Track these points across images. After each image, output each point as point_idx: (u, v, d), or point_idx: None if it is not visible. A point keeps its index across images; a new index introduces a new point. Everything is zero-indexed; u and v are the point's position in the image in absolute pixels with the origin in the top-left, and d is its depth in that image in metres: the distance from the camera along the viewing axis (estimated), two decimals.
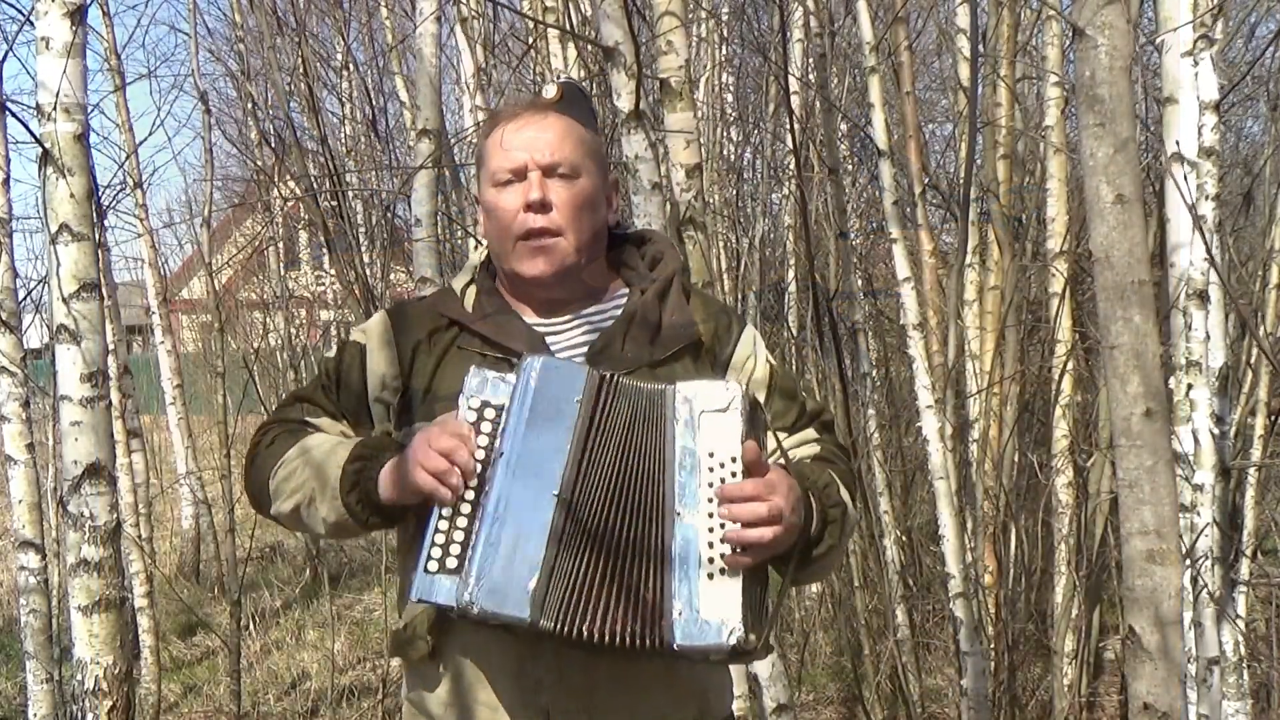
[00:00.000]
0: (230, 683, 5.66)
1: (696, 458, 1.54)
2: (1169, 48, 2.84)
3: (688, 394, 1.56)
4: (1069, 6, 2.80)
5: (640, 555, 1.52)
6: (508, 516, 1.51)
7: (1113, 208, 1.83)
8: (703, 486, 1.53)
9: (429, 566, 1.52)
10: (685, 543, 1.51)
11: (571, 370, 1.58)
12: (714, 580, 1.50)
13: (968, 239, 4.73)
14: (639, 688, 1.63)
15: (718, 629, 1.48)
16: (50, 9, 2.32)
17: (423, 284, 3.39)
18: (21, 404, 4.07)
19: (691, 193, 2.76)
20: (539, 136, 1.72)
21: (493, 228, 1.75)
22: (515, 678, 1.63)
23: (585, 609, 1.50)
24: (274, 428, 1.79)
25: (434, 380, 1.72)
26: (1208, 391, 3.00)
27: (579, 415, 1.54)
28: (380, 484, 1.61)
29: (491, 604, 1.48)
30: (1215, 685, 3.01)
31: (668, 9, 2.69)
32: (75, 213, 2.36)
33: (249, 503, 1.83)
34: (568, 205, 1.71)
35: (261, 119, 8.02)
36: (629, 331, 1.72)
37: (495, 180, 1.73)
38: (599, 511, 1.53)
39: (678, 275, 1.80)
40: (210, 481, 9.25)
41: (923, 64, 7.20)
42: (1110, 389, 1.89)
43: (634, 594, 1.51)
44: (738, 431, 1.54)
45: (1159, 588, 1.87)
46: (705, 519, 1.51)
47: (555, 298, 1.76)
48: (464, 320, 1.75)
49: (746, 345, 1.79)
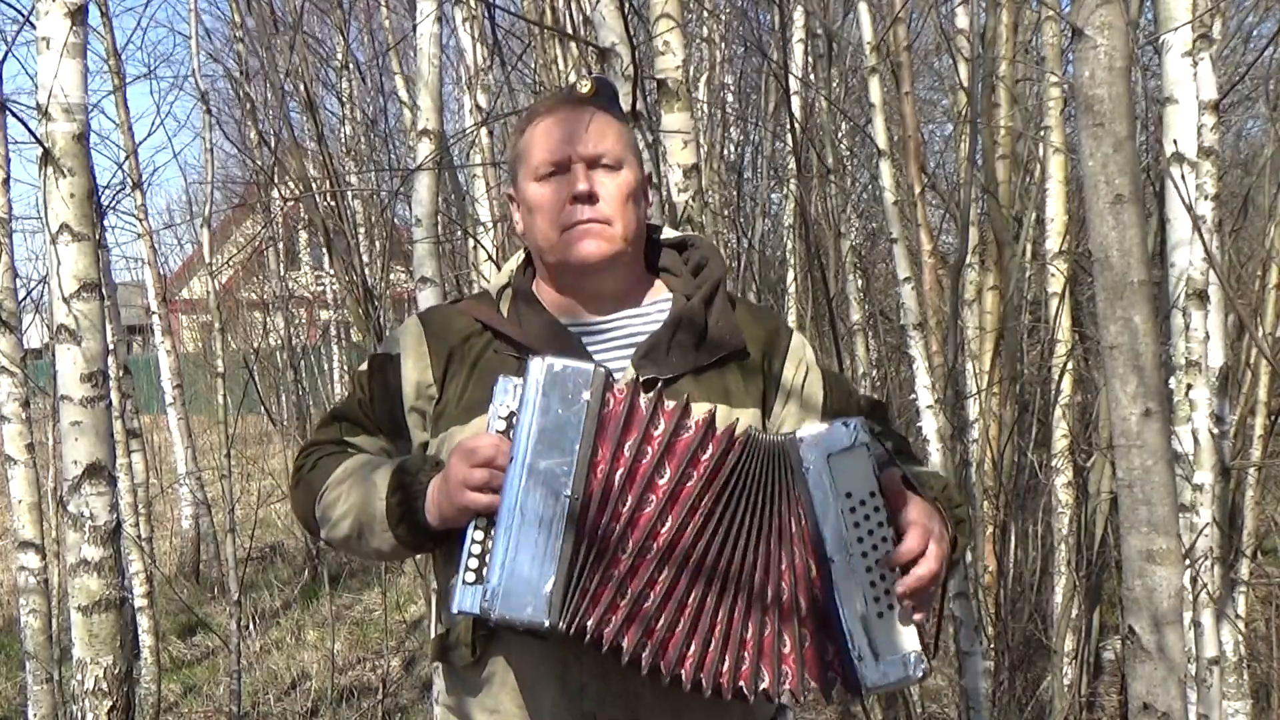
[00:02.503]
0: (230, 683, 5.66)
1: (836, 502, 1.53)
2: (1169, 48, 2.84)
3: (810, 439, 1.56)
4: (1069, 7, 2.80)
5: (766, 602, 1.52)
6: (522, 521, 1.50)
7: (1112, 208, 1.83)
8: (849, 529, 1.52)
9: (466, 578, 1.52)
10: (845, 589, 1.52)
11: (577, 368, 1.56)
12: (883, 619, 1.51)
13: (968, 239, 4.73)
14: (682, 692, 1.61)
15: (902, 664, 1.51)
16: (50, 9, 2.33)
17: (423, 284, 3.39)
18: (21, 404, 4.07)
19: (689, 193, 2.76)
20: (579, 129, 1.70)
21: (536, 222, 1.73)
22: (559, 683, 1.62)
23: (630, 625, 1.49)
24: (315, 450, 1.79)
25: (468, 387, 1.70)
26: (1207, 391, 3.00)
27: (586, 413, 1.53)
28: (427, 510, 1.61)
29: (509, 610, 1.48)
30: (1215, 685, 3.01)
31: (664, 10, 2.69)
32: (75, 213, 2.36)
33: (301, 527, 1.84)
34: (614, 196, 1.69)
35: (260, 119, 8.02)
36: (675, 336, 1.70)
37: (538, 174, 1.71)
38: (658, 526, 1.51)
39: (723, 282, 1.79)
40: (210, 481, 9.26)
41: (922, 64, 7.20)
42: (1110, 389, 1.89)
43: (731, 636, 1.51)
44: (870, 466, 1.54)
45: (1159, 588, 1.87)
46: (860, 560, 1.52)
47: (599, 291, 1.74)
48: (497, 325, 1.73)
49: (796, 355, 1.78)
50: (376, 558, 1.74)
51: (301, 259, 15.29)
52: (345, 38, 8.45)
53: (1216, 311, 3.04)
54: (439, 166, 3.41)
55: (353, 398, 1.81)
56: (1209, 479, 3.02)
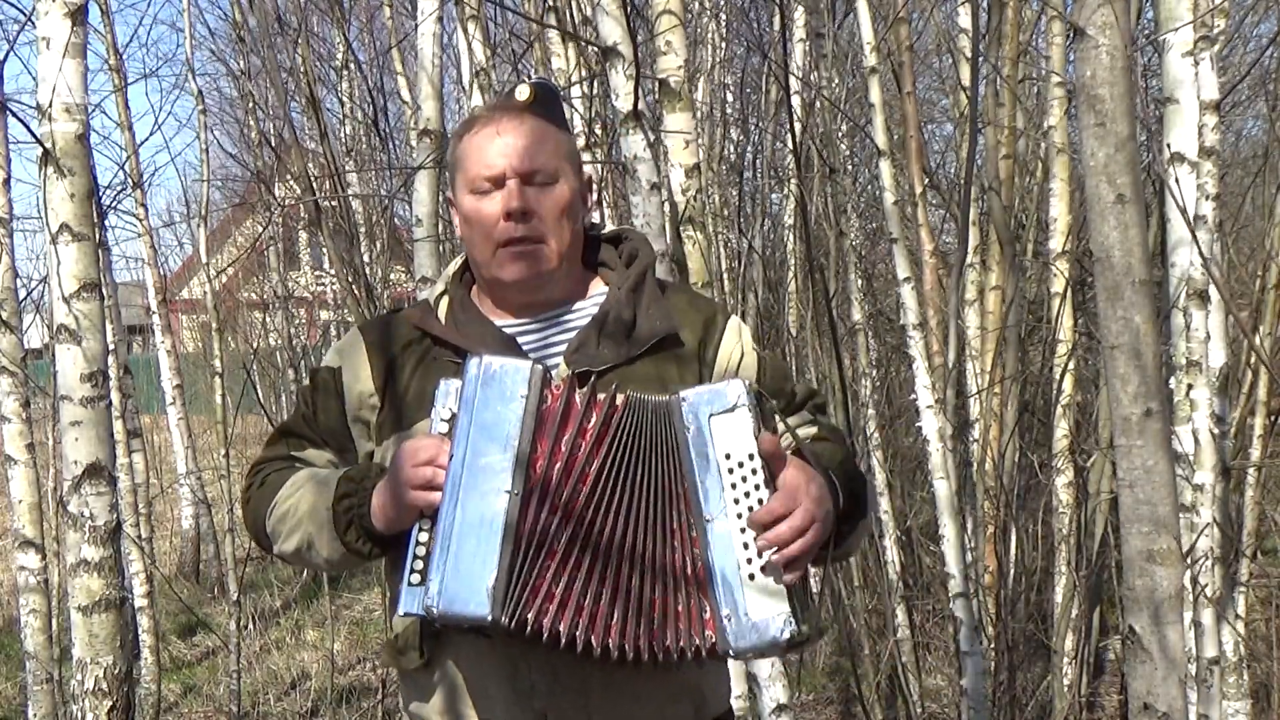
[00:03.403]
0: (230, 683, 5.66)
1: (715, 462, 1.53)
2: (1169, 47, 2.84)
3: (693, 401, 1.56)
4: (1070, 6, 2.80)
5: (658, 564, 1.53)
6: (462, 519, 1.51)
7: (1113, 207, 1.83)
8: (726, 490, 1.52)
9: (411, 580, 1.53)
10: (720, 548, 1.51)
11: (513, 365, 1.57)
12: (755, 580, 1.50)
13: (968, 239, 4.73)
14: (634, 687, 1.62)
15: (771, 626, 1.49)
16: (51, 9, 2.32)
17: (423, 284, 3.38)
18: (21, 404, 4.07)
19: (690, 192, 2.76)
20: (515, 142, 1.69)
21: (472, 235, 1.73)
22: (510, 682, 1.63)
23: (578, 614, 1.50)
24: (264, 467, 1.80)
25: (409, 394, 1.71)
26: (1208, 391, 3.00)
27: (525, 409, 1.53)
28: (374, 514, 1.61)
29: (451, 606, 1.49)
30: (1215, 685, 3.01)
31: (666, 8, 2.69)
32: (75, 213, 2.35)
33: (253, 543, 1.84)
34: (548, 212, 1.69)
35: (261, 119, 8.02)
36: (604, 329, 1.70)
37: (473, 188, 1.71)
38: (586, 512, 1.52)
39: (650, 270, 1.79)
40: (210, 481, 9.26)
41: (923, 64, 7.20)
42: (1110, 389, 1.89)
43: (658, 605, 1.52)
44: (750, 428, 1.53)
45: (1159, 588, 1.87)
46: (736, 521, 1.51)
47: (534, 301, 1.75)
48: (435, 331, 1.74)
49: (731, 339, 1.77)
50: (327, 568, 1.75)
51: (301, 259, 15.29)
52: (346, 38, 8.45)
53: (1217, 311, 3.04)
54: (440, 166, 3.40)
55: (298, 413, 1.82)
56: (1209, 479, 3.02)
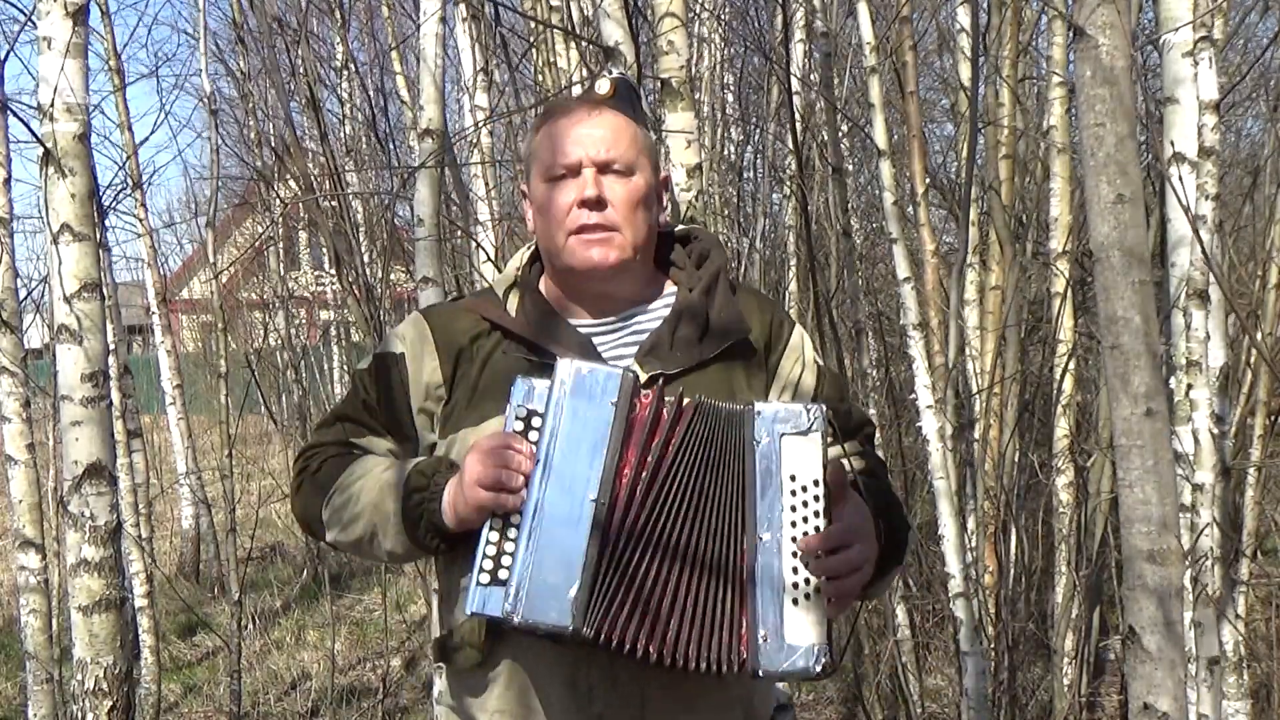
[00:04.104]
0: (230, 683, 5.66)
1: (779, 481, 1.53)
2: (1169, 47, 2.84)
3: (768, 415, 1.55)
4: (1071, 6, 2.80)
5: (715, 574, 1.52)
6: (546, 524, 1.50)
7: (1113, 207, 1.83)
8: (785, 510, 1.52)
9: (481, 579, 1.51)
10: (768, 567, 1.51)
11: (605, 372, 1.56)
12: (798, 606, 1.50)
13: (968, 239, 4.73)
14: (690, 694, 1.62)
15: (805, 653, 1.49)
16: (52, 9, 2.33)
17: (423, 284, 3.38)
18: (21, 404, 4.08)
19: (692, 192, 2.76)
20: (593, 132, 1.69)
21: (545, 223, 1.72)
22: (569, 685, 1.62)
23: (644, 622, 1.49)
24: (318, 452, 1.77)
25: (479, 388, 1.69)
26: (1208, 391, 3.00)
27: (615, 417, 1.53)
28: (444, 511, 1.60)
29: (533, 613, 1.48)
30: (1215, 685, 3.01)
31: (669, 9, 2.69)
32: (76, 213, 2.36)
33: (301, 528, 1.81)
34: (623, 202, 1.68)
35: (261, 119, 8.01)
36: (676, 330, 1.69)
37: (549, 175, 1.70)
38: (662, 523, 1.52)
39: (724, 271, 1.78)
40: (210, 481, 9.26)
41: (923, 64, 7.20)
42: (1110, 389, 1.89)
43: (712, 616, 1.51)
44: (819, 455, 1.53)
45: (1159, 588, 1.87)
46: (789, 544, 1.51)
47: (606, 294, 1.73)
48: (507, 325, 1.71)
49: (795, 349, 1.77)
50: (388, 559, 1.73)
51: (301, 259, 15.29)
52: (346, 37, 8.45)
53: (1217, 311, 3.04)
54: (440, 166, 3.40)
55: (355, 398, 1.79)
56: (1209, 479, 3.02)
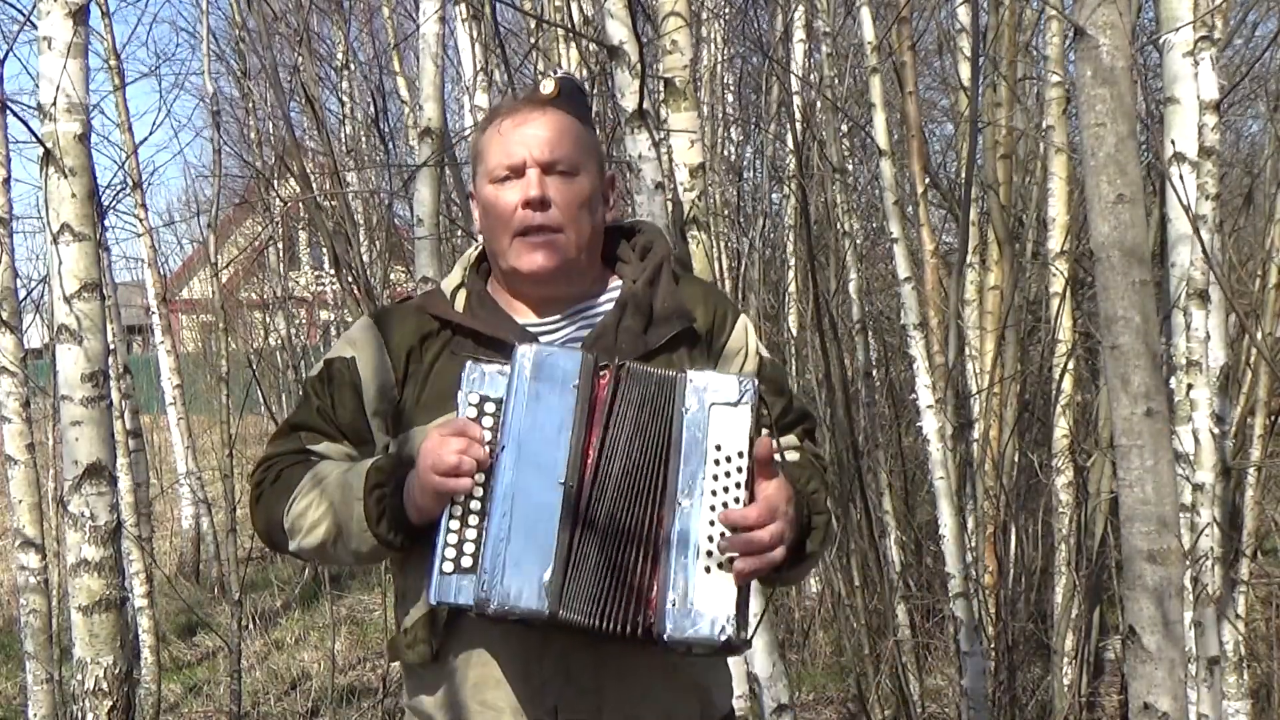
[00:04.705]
0: (230, 683, 5.65)
1: (704, 449, 1.53)
2: (1170, 47, 2.84)
3: (699, 384, 1.55)
4: (1070, 6, 2.80)
5: (636, 541, 1.52)
6: (515, 509, 1.50)
7: (1114, 207, 1.83)
8: (707, 479, 1.52)
9: (444, 568, 1.51)
10: (684, 533, 1.50)
11: (566, 355, 1.57)
12: (710, 574, 1.49)
13: (968, 239, 4.73)
14: (644, 685, 1.62)
15: (710, 622, 1.48)
16: (52, 9, 2.33)
17: (423, 284, 3.39)
18: (21, 404, 4.07)
19: (694, 192, 2.76)
20: (537, 133, 1.69)
21: (490, 224, 1.73)
22: (522, 678, 1.62)
23: (596, 598, 1.50)
24: (275, 463, 1.75)
25: (429, 383, 1.69)
26: (1208, 391, 3.00)
27: (577, 399, 1.53)
28: (406, 505, 1.60)
29: (508, 599, 1.47)
30: (1215, 685, 3.01)
31: (673, 9, 2.69)
32: (76, 212, 2.36)
33: (262, 541, 1.80)
34: (567, 203, 1.69)
35: (261, 118, 8.02)
36: (621, 321, 1.70)
37: (493, 176, 1.71)
38: (605, 497, 1.53)
39: (667, 261, 1.78)
40: (210, 481, 9.26)
41: (923, 63, 7.20)
42: (1110, 389, 1.89)
43: (632, 582, 1.51)
44: (748, 427, 1.53)
45: (1159, 588, 1.87)
46: (707, 512, 1.51)
47: (551, 295, 1.74)
48: (457, 320, 1.73)
49: (740, 335, 1.77)
50: (354, 562, 1.73)
51: (301, 259, 15.29)
52: (346, 37, 8.46)
53: (1217, 311, 3.04)
54: (440, 166, 3.40)
55: (309, 405, 1.78)
56: (1210, 479, 3.02)
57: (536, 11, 4.73)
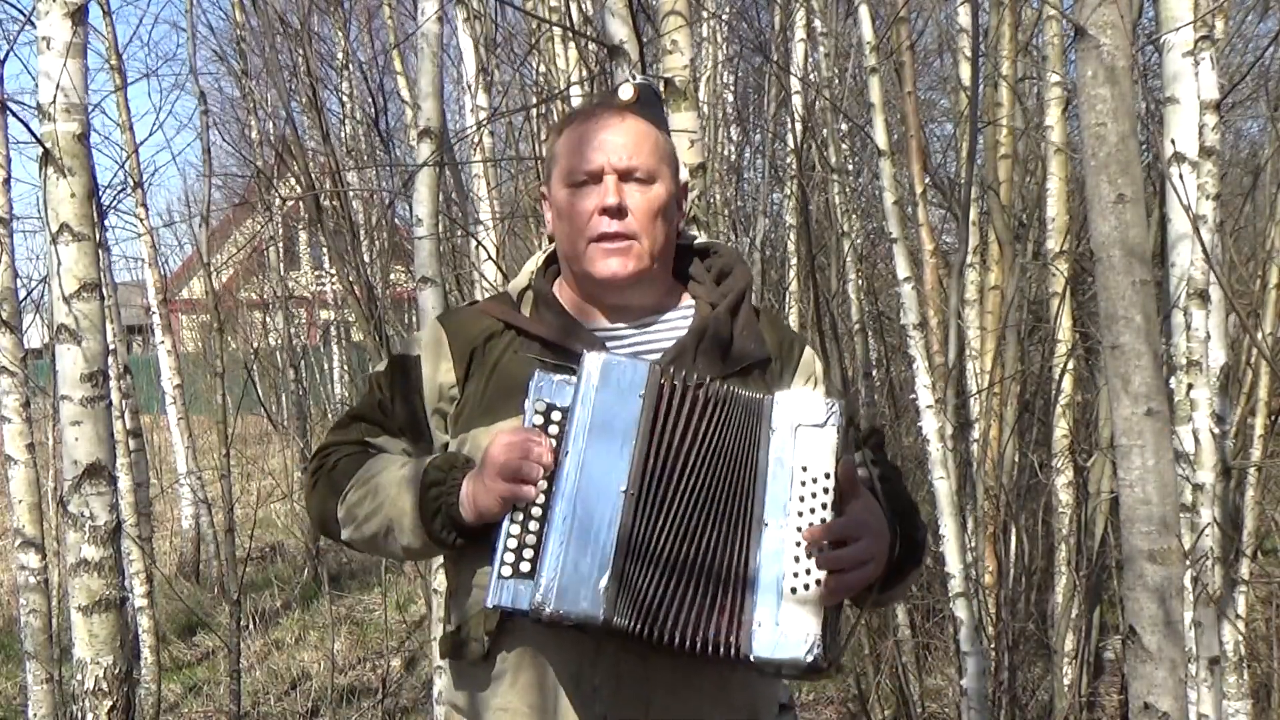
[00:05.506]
0: (230, 683, 5.65)
1: (790, 470, 1.53)
2: (1170, 47, 2.84)
3: (785, 405, 1.56)
4: (1070, 6, 2.80)
5: (721, 561, 1.52)
6: (576, 516, 1.50)
7: (1114, 207, 1.83)
8: (793, 500, 1.52)
9: (503, 571, 1.51)
10: (771, 555, 1.51)
11: (632, 365, 1.57)
12: (797, 594, 1.49)
13: (968, 239, 4.73)
14: (694, 697, 1.62)
15: (798, 644, 1.48)
16: (51, 9, 2.33)
17: (423, 284, 3.39)
18: (21, 404, 4.08)
19: (695, 192, 2.76)
20: (616, 139, 1.69)
21: (565, 228, 1.72)
22: (573, 684, 1.62)
23: (661, 610, 1.49)
24: (334, 451, 1.77)
25: (491, 384, 1.69)
26: (1208, 391, 3.00)
27: (642, 409, 1.53)
28: (462, 505, 1.60)
29: (564, 605, 1.47)
30: (1215, 685, 3.01)
31: (673, 8, 2.68)
32: (76, 212, 2.36)
33: (314, 527, 1.82)
34: (643, 211, 1.68)
35: (262, 118, 8.02)
36: (700, 345, 1.70)
37: (570, 181, 1.70)
38: (677, 511, 1.52)
39: (748, 291, 1.79)
40: (210, 481, 9.25)
41: (923, 64, 7.20)
42: (1110, 388, 1.89)
43: (713, 600, 1.51)
44: (833, 448, 1.53)
45: (1159, 588, 1.87)
46: (794, 533, 1.51)
47: (623, 302, 1.74)
48: (521, 324, 1.72)
49: (808, 363, 1.79)
50: (404, 556, 1.73)
51: (301, 259, 15.31)
52: (346, 37, 8.46)
53: (1217, 311, 3.04)
54: (440, 166, 3.40)
55: (371, 398, 1.80)
56: (1210, 479, 3.01)
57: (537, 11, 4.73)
